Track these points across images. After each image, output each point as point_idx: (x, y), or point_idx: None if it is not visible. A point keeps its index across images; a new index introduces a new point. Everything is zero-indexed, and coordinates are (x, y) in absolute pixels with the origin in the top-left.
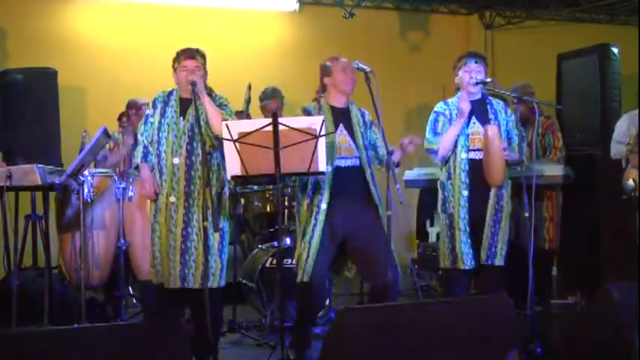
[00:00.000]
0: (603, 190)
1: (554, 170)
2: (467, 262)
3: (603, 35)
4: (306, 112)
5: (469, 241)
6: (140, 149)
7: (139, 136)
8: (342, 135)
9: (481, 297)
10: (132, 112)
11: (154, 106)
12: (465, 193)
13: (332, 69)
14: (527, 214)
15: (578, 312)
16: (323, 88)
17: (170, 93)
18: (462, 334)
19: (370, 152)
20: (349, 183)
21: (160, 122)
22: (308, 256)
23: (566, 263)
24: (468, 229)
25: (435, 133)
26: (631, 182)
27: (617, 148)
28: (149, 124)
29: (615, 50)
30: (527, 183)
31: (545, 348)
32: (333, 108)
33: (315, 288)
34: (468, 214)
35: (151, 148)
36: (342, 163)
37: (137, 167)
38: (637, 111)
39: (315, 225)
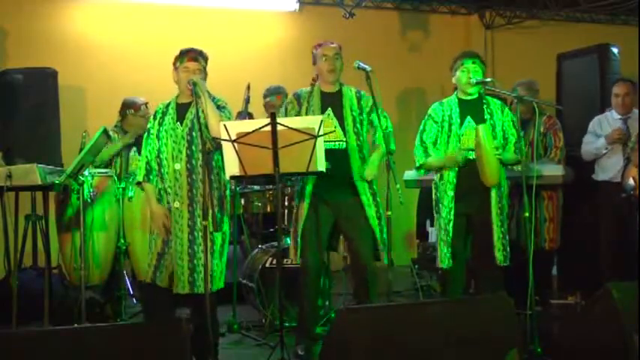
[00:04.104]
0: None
1: (553, 170)
2: (444, 261)
3: (603, 35)
4: (295, 96)
5: (448, 240)
6: (143, 165)
7: (142, 150)
8: (328, 119)
9: (481, 297)
10: (130, 111)
11: (154, 118)
12: (451, 193)
13: (316, 57)
14: (527, 214)
15: (578, 312)
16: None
17: (168, 104)
18: (462, 334)
19: (366, 136)
20: (332, 166)
21: (158, 131)
22: (297, 237)
23: (566, 263)
24: (448, 229)
25: (422, 144)
26: (631, 181)
27: (583, 149)
28: (151, 137)
29: (615, 50)
30: (527, 183)
31: (545, 348)
32: (323, 93)
33: (307, 268)
34: (450, 213)
35: (154, 164)
36: (325, 145)
37: (138, 182)
38: (601, 115)
39: (303, 208)
